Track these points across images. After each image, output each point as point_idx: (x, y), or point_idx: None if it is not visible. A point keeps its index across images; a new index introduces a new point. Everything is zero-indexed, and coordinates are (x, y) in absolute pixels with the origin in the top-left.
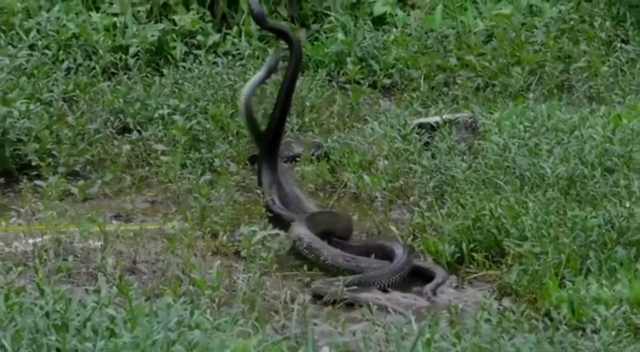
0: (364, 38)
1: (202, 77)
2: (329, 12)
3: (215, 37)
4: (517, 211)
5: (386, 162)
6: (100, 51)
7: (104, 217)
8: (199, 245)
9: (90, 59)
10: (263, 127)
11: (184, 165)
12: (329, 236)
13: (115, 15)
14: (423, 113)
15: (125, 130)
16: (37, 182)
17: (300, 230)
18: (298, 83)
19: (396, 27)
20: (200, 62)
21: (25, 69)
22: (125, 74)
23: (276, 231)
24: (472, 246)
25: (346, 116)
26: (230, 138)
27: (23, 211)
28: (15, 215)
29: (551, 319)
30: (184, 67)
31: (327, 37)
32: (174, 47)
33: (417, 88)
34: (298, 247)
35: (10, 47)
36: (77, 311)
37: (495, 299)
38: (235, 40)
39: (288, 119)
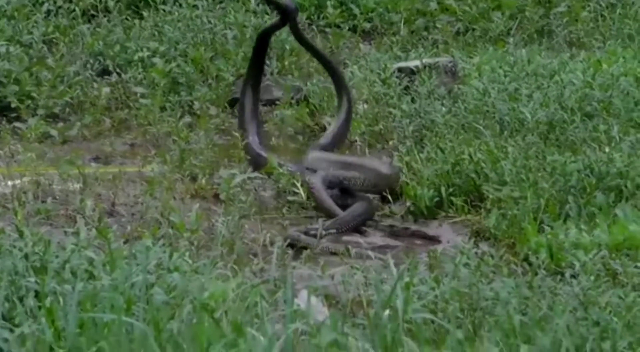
0: None
1: (182, 20)
2: None
3: None
4: (496, 155)
5: (366, 106)
6: None
7: (83, 160)
8: (178, 188)
9: (70, 2)
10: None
11: (163, 108)
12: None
13: None
14: (403, 57)
15: (104, 72)
16: (17, 124)
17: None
18: None
19: None
20: (181, 5)
21: (5, 11)
22: (105, 16)
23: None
24: (451, 190)
25: None
26: (210, 81)
27: (2, 152)
28: None
29: (530, 264)
30: (164, 10)
31: None
32: None
33: (397, 32)
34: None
35: None
36: (56, 253)
37: (474, 243)
38: None
39: (268, 62)
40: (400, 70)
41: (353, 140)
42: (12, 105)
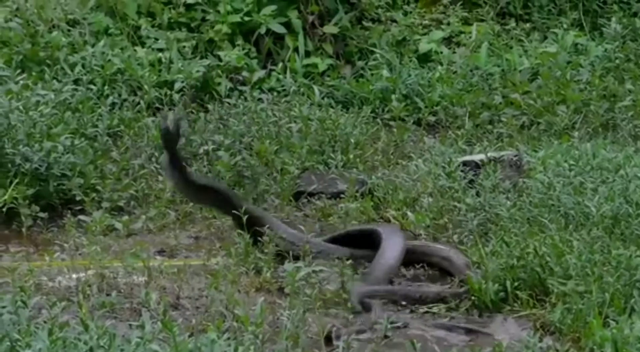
0: (409, 75)
1: (247, 113)
2: (374, 49)
3: (261, 73)
4: (561, 249)
5: (430, 199)
6: (145, 86)
7: (147, 253)
8: (242, 281)
9: (135, 94)
10: None
11: None
12: None
13: (161, 50)
14: (468, 151)
15: None
16: (81, 217)
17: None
18: (342, 120)
19: (441, 64)
20: (245, 98)
21: (70, 103)
22: (170, 109)
23: (320, 267)
24: (516, 284)
25: (390, 153)
26: (275, 174)
27: (67, 245)
28: (59, 250)
29: None
30: (229, 103)
31: (372, 74)
32: (219, 83)
33: (462, 126)
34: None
35: (55, 81)
36: (121, 346)
37: (539, 338)
38: (280, 76)
39: (333, 155)
40: (465, 163)
41: (418, 234)
42: (77, 198)
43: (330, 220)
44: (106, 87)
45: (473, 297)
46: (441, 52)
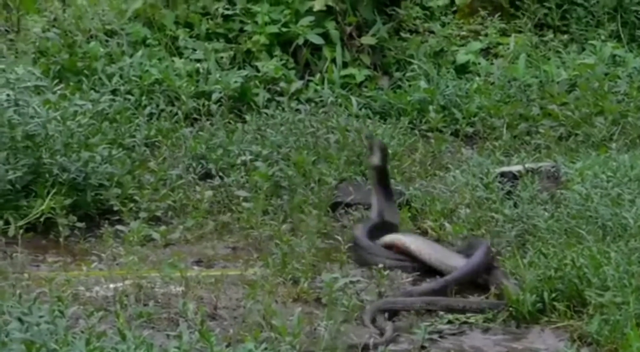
0: (447, 86)
1: (285, 123)
2: (411, 60)
3: (298, 84)
4: (599, 260)
5: (468, 210)
6: (183, 97)
7: (185, 263)
8: (280, 291)
9: (173, 105)
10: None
11: (265, 212)
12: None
13: (198, 61)
14: (505, 162)
15: (207, 176)
16: (119, 227)
17: None
18: (380, 130)
19: (479, 75)
20: (283, 109)
21: (107, 114)
22: (207, 120)
23: (358, 278)
24: (553, 295)
25: (428, 164)
26: (312, 185)
27: (104, 255)
28: (97, 260)
29: None
30: (266, 114)
31: (409, 85)
32: (257, 94)
33: (500, 137)
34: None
35: (92, 92)
36: None
37: (577, 349)
38: (318, 87)
39: None
40: (502, 174)
41: (455, 244)
42: (115, 208)
43: None
44: (144, 98)
45: (510, 308)
46: (479, 63)
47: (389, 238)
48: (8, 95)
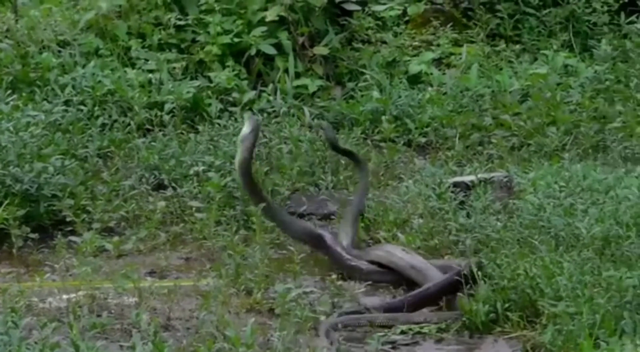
0: (399, 96)
1: (238, 134)
2: (364, 70)
3: (251, 94)
4: (552, 270)
5: (421, 220)
6: (136, 107)
7: (138, 274)
8: (233, 302)
9: (126, 116)
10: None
11: (218, 222)
12: None
13: (151, 71)
14: (458, 172)
15: (160, 186)
16: (72, 238)
17: None
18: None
19: (432, 85)
20: (236, 119)
21: (60, 124)
22: (160, 130)
23: (311, 288)
24: (506, 305)
25: (381, 174)
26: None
27: (57, 266)
28: (50, 271)
29: None
30: (219, 124)
31: (362, 95)
32: (210, 104)
33: (452, 147)
34: None
35: (45, 102)
36: None
37: None
38: (271, 97)
39: (323, 176)
40: (455, 185)
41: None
42: (68, 219)
43: None
44: (96, 108)
45: (464, 319)
46: (431, 73)
47: (375, 255)
48: None
